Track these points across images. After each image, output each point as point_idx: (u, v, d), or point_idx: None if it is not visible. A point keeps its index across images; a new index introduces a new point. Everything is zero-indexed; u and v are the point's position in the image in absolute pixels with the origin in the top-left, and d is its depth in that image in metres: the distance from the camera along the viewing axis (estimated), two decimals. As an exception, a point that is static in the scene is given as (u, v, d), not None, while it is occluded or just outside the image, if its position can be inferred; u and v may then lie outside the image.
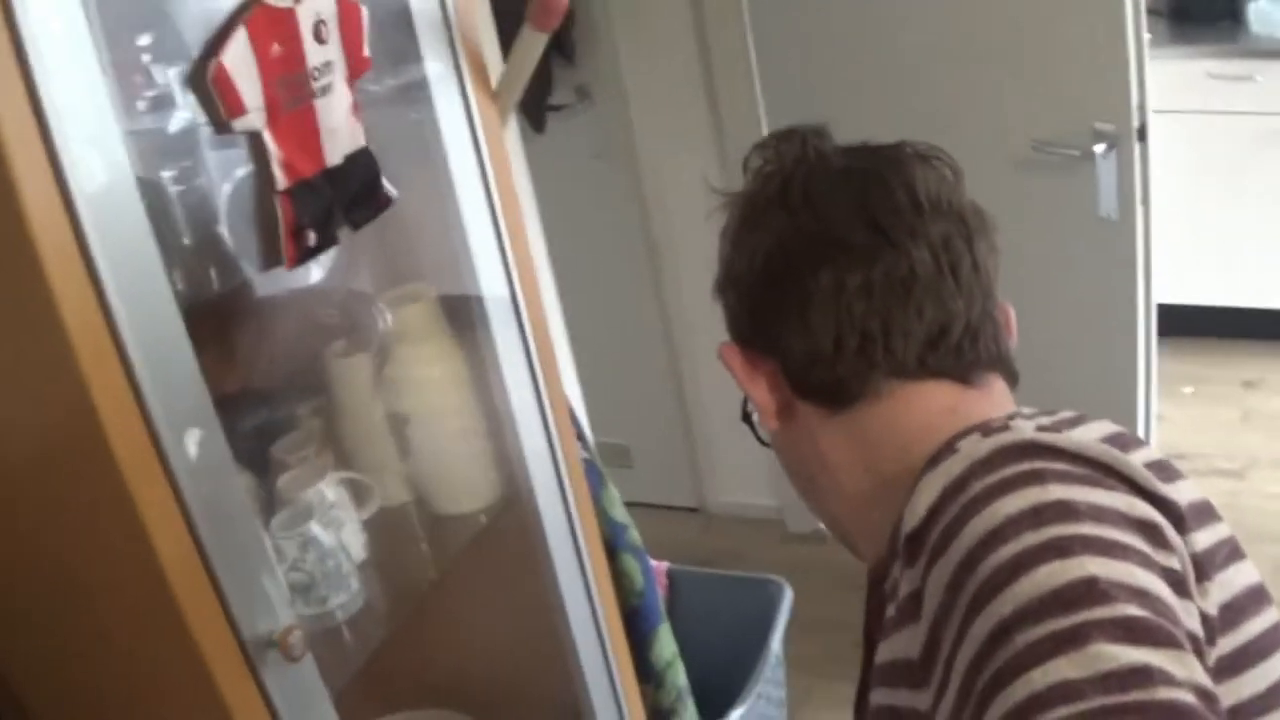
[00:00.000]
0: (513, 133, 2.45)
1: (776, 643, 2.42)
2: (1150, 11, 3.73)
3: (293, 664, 1.24)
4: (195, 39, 1.17)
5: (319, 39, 1.26)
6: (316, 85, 1.27)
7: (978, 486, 0.73)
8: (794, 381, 0.95)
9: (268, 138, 1.22)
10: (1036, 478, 0.72)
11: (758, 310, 0.96)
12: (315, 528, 1.53)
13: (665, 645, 2.05)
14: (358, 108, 1.34)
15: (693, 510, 3.79)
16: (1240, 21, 3.67)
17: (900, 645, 0.79)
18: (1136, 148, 2.52)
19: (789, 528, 3.58)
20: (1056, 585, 0.64)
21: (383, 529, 1.72)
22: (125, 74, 1.20)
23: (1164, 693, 0.58)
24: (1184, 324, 3.72)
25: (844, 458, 0.95)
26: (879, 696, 0.87)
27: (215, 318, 1.56)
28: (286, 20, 1.22)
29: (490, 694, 1.92)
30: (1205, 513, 0.82)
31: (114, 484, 1.07)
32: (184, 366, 1.11)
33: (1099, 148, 2.52)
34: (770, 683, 2.39)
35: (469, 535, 1.77)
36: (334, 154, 1.31)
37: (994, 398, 0.94)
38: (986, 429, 0.83)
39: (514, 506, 1.75)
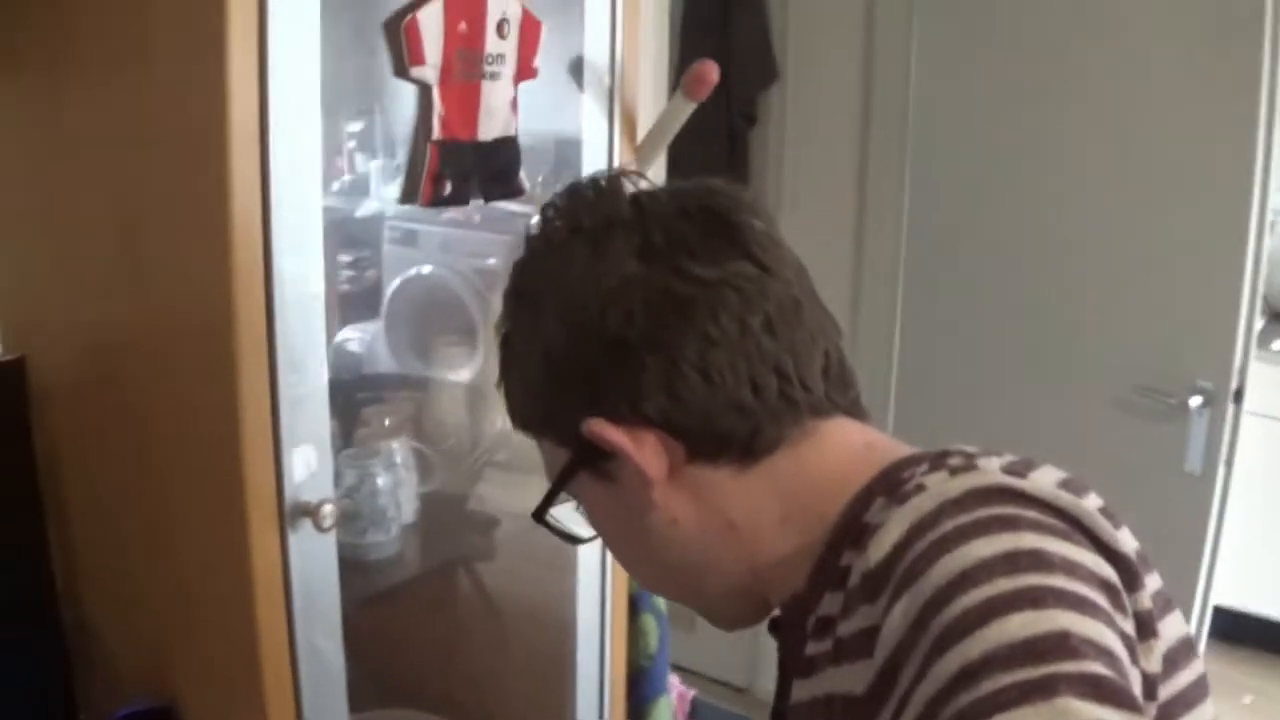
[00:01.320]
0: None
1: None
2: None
3: (320, 534, 1.41)
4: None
5: (500, 34, 1.53)
6: (488, 69, 1.52)
7: (949, 525, 0.71)
8: (692, 444, 0.86)
9: (435, 94, 1.47)
10: (1010, 524, 0.70)
11: (623, 374, 0.85)
12: (376, 466, 1.73)
13: (663, 717, 2.15)
14: (516, 104, 1.59)
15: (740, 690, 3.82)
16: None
17: (839, 680, 0.77)
18: (1230, 408, 2.63)
19: None
20: (1029, 635, 0.63)
21: (441, 506, 1.91)
22: (330, 155, 1.47)
23: None
24: (1248, 634, 3.75)
25: (756, 514, 0.88)
26: None
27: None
28: (477, 6, 1.48)
29: (474, 699, 2.04)
30: (1144, 562, 0.80)
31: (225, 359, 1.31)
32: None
33: (1195, 401, 2.64)
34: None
35: (510, 538, 1.94)
36: (487, 131, 1.55)
37: (884, 434, 0.92)
38: (949, 466, 0.80)
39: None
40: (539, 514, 0.96)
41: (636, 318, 0.84)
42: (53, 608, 1.57)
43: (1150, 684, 0.72)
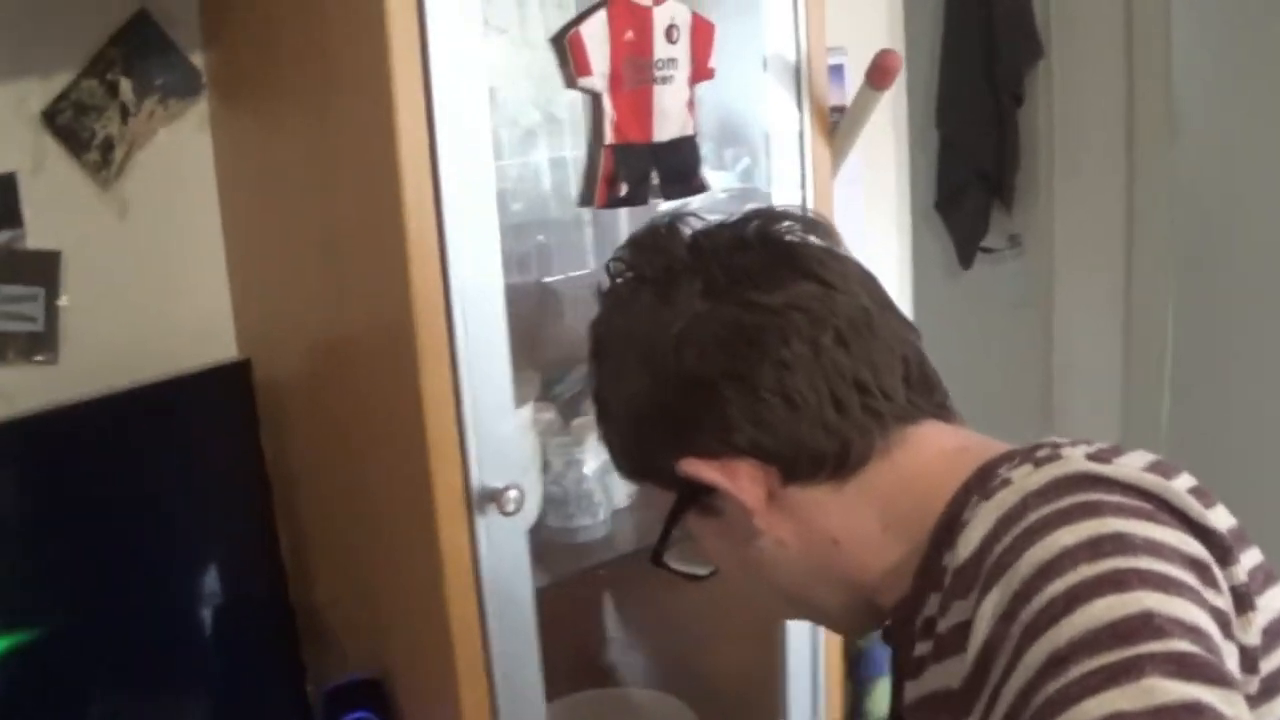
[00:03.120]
0: (903, 227, 2.66)
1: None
2: None
3: (505, 517, 1.50)
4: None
5: (669, 39, 1.57)
6: (658, 74, 1.57)
7: (1033, 517, 0.72)
8: (785, 467, 0.89)
9: (606, 101, 1.53)
10: (1093, 510, 0.71)
11: (708, 409, 0.88)
12: (582, 454, 1.80)
13: (883, 700, 2.16)
14: (692, 104, 1.63)
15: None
16: None
17: (939, 677, 0.79)
18: None
19: None
20: (1113, 618, 0.63)
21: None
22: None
23: None
24: None
25: (858, 526, 0.90)
26: None
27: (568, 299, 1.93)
28: (642, 16, 1.54)
29: (690, 679, 2.10)
30: (1241, 538, 0.80)
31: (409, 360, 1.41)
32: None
33: None
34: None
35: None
36: (662, 133, 1.60)
37: (977, 433, 0.93)
38: (1034, 459, 0.80)
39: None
40: (656, 557, 1.01)
41: (711, 354, 0.88)
42: (283, 589, 1.73)
43: (1250, 657, 0.72)
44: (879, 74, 1.70)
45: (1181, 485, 0.79)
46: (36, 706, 1.50)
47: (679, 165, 1.63)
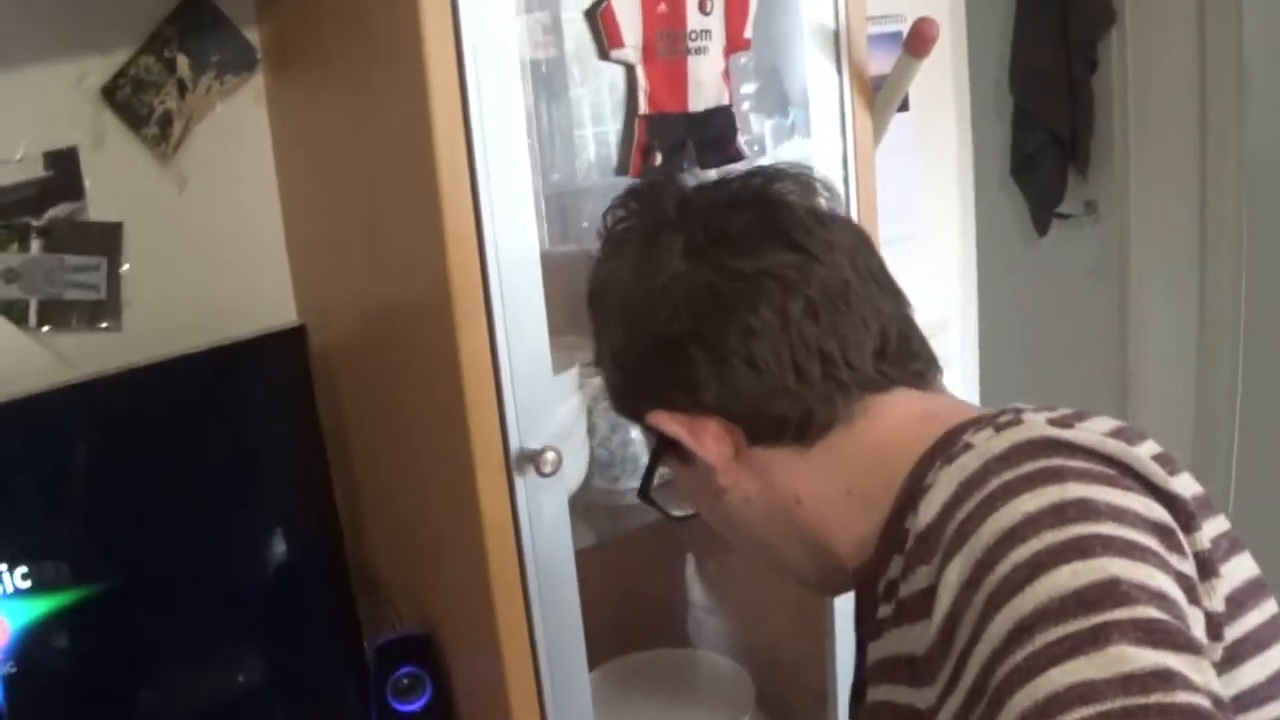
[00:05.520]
0: (968, 199, 2.66)
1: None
2: None
3: (544, 478, 1.54)
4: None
5: (703, 10, 1.59)
6: (693, 45, 1.60)
7: (995, 483, 0.72)
8: (750, 429, 0.92)
9: (640, 72, 1.57)
10: (1056, 475, 0.71)
11: (677, 367, 0.91)
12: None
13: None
14: (728, 75, 1.65)
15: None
16: None
17: (902, 641, 0.79)
18: None
19: None
20: (1078, 585, 0.63)
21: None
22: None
23: (1183, 696, 0.57)
24: None
25: (822, 489, 0.92)
26: (876, 694, 0.87)
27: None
28: (675, -13, 1.56)
29: (739, 642, 2.13)
30: (1205, 506, 0.80)
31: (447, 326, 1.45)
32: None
33: None
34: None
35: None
36: (698, 103, 1.63)
37: (952, 398, 0.95)
38: (995, 424, 0.81)
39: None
40: (642, 492, 1.05)
41: (682, 314, 0.91)
42: (339, 546, 1.79)
43: (1215, 623, 0.72)
44: (917, 41, 1.71)
45: (1145, 451, 0.79)
46: (101, 659, 1.57)
47: (715, 135, 1.66)
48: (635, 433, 1.86)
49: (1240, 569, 0.79)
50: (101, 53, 1.63)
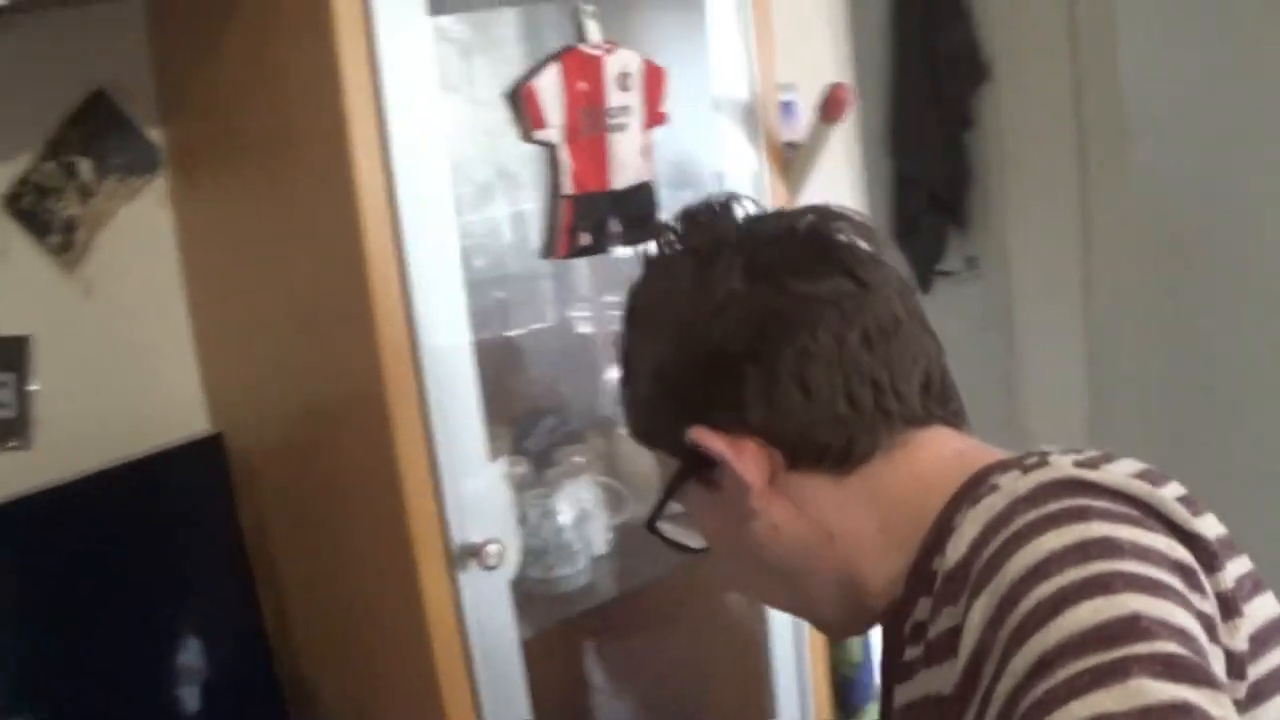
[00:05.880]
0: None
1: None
2: None
3: (486, 571, 1.50)
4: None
5: (622, 87, 1.59)
6: (612, 122, 1.59)
7: (1020, 522, 0.72)
8: (791, 452, 0.90)
9: (563, 152, 1.55)
10: (1080, 514, 0.72)
11: (726, 385, 0.89)
12: (557, 504, 1.81)
13: (876, 724, 2.16)
14: (648, 151, 1.65)
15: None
16: None
17: (930, 682, 0.79)
18: None
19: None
20: (1100, 621, 0.64)
21: (634, 536, 1.97)
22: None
23: None
24: None
25: (854, 523, 0.91)
26: None
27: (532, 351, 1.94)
28: (594, 65, 1.56)
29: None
30: (1229, 546, 0.80)
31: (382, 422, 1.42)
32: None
33: None
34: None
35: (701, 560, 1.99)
36: (620, 180, 1.62)
37: (981, 442, 0.94)
38: (1023, 465, 0.81)
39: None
40: (651, 523, 1.01)
41: (739, 331, 0.89)
42: (268, 661, 1.72)
43: (1239, 662, 0.73)
44: (831, 107, 1.73)
45: (1170, 493, 0.80)
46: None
47: (638, 211, 1.65)
48: (565, 518, 1.83)
49: (1264, 608, 0.80)
50: (2, 159, 1.57)
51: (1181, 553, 0.72)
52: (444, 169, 1.39)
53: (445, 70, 1.54)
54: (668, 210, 1.71)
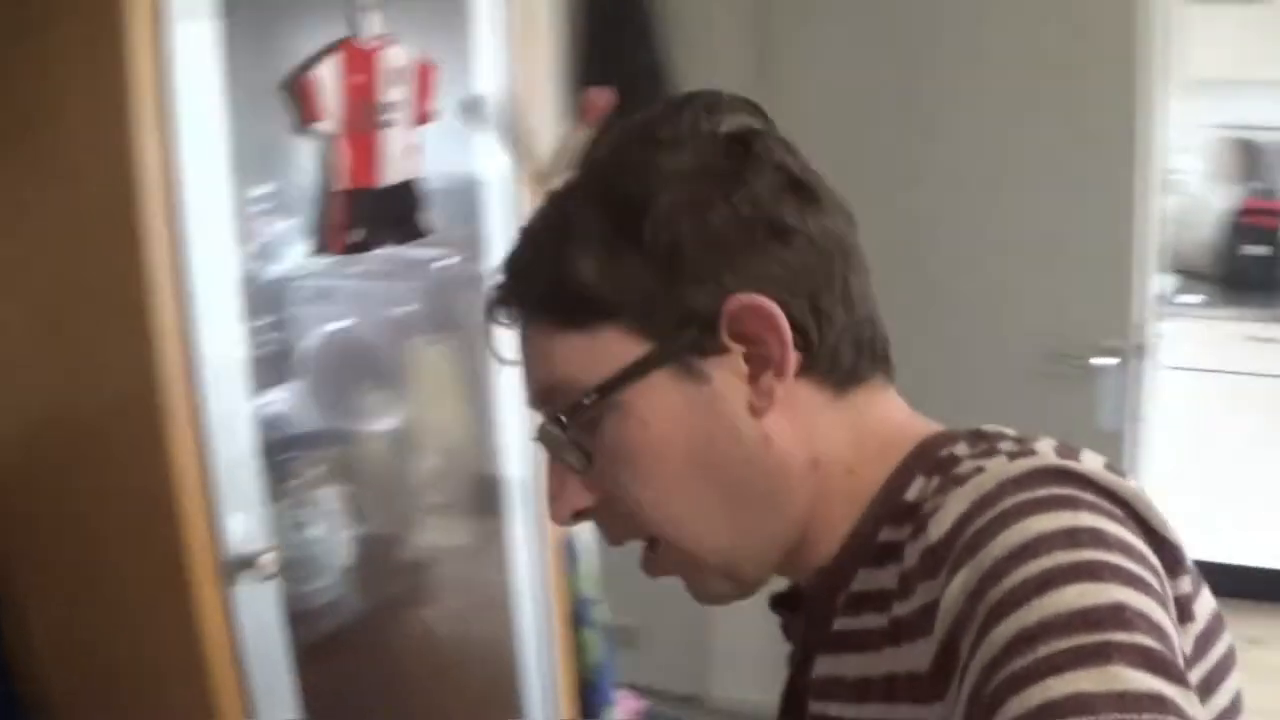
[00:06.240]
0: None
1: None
2: (1203, 277, 4.03)
3: (262, 583, 1.45)
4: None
5: (394, 82, 1.56)
6: (384, 118, 1.56)
7: (1009, 502, 0.72)
8: (811, 356, 0.82)
9: (337, 145, 1.51)
10: (1070, 503, 0.72)
11: (786, 263, 0.81)
12: (308, 515, 1.76)
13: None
14: (416, 149, 1.62)
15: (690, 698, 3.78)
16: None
17: (901, 660, 0.77)
18: (1137, 365, 2.71)
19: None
20: (1085, 605, 0.64)
21: (377, 547, 1.95)
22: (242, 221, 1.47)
23: None
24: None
25: (838, 451, 0.85)
26: (844, 711, 0.83)
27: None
28: (369, 58, 1.52)
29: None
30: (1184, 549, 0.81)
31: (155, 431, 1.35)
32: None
33: (1104, 360, 2.73)
34: None
35: (448, 576, 2.00)
36: (390, 177, 1.59)
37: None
38: (1005, 451, 0.79)
39: (494, 543, 1.97)
40: (559, 420, 0.84)
41: (810, 220, 0.82)
42: (15, 700, 1.60)
43: (1186, 666, 0.72)
44: (589, 111, 1.76)
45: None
46: None
47: (404, 210, 1.63)
48: (314, 530, 1.78)
49: (1206, 604, 0.82)
50: None
51: (1154, 558, 0.74)
52: (224, 160, 1.32)
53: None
54: (434, 209, 1.69)
